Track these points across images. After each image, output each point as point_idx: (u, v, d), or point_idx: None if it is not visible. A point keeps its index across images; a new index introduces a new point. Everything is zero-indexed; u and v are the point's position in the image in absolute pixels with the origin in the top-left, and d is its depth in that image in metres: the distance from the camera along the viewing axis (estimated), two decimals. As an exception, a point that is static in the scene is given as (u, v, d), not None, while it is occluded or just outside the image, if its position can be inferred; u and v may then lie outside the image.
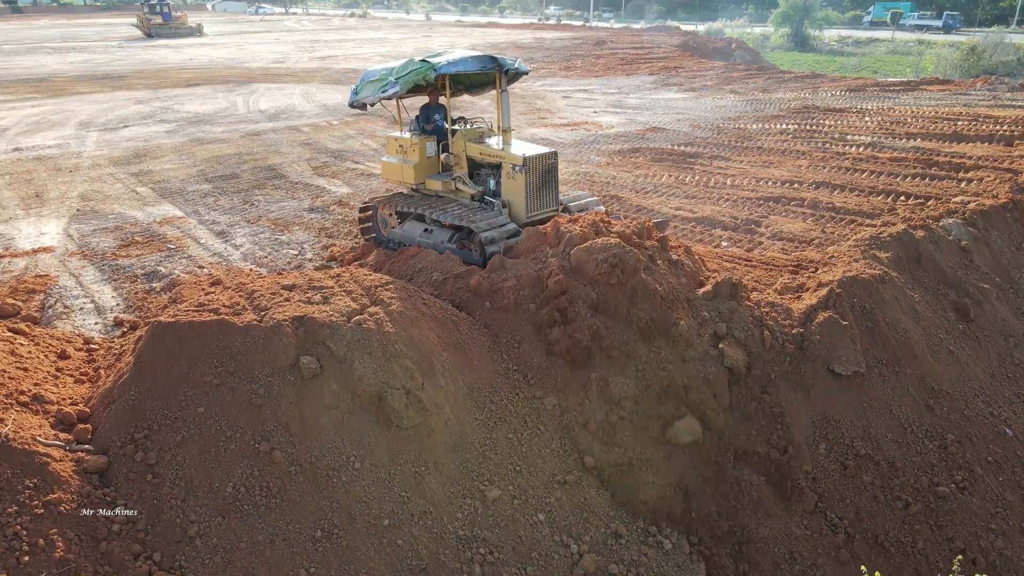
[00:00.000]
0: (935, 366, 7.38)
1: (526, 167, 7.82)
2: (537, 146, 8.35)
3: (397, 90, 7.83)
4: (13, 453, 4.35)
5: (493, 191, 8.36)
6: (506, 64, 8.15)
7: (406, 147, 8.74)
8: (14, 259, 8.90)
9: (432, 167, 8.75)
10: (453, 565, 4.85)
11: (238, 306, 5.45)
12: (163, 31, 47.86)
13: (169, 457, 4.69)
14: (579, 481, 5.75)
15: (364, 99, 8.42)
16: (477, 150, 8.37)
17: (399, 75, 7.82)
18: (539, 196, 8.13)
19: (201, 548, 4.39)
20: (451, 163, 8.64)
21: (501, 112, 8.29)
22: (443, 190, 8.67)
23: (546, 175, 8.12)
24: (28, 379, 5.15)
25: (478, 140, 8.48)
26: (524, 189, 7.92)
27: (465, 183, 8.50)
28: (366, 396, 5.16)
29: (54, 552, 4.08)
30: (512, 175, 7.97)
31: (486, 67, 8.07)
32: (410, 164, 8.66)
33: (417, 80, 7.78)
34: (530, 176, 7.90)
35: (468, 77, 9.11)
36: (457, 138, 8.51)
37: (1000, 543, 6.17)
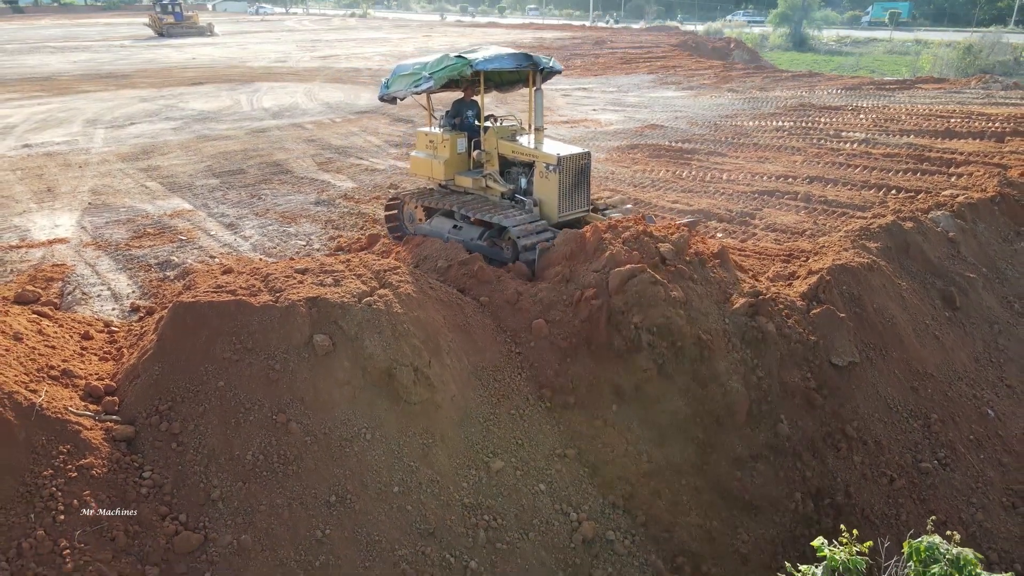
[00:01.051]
0: (921, 350, 7.67)
1: (560, 167, 7.74)
2: (570, 146, 8.29)
3: (431, 85, 7.83)
4: (47, 422, 4.64)
5: (524, 189, 8.34)
6: (541, 62, 8.17)
7: (437, 143, 8.71)
8: (31, 249, 9.19)
9: (462, 163, 8.75)
10: (459, 530, 5.14)
11: (254, 288, 5.74)
12: (175, 30, 48.62)
13: (192, 427, 4.98)
14: (578, 456, 6.03)
15: (395, 93, 8.43)
16: (510, 148, 8.31)
17: (433, 70, 7.83)
18: (571, 196, 8.07)
19: (223, 510, 4.68)
20: (482, 160, 8.61)
21: (535, 111, 8.29)
22: (473, 187, 8.66)
23: (579, 175, 8.04)
24: (56, 356, 5.44)
25: (510, 138, 8.43)
26: (557, 188, 7.85)
27: (496, 180, 8.45)
28: (376, 372, 5.45)
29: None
30: (546, 174, 7.90)
31: (521, 65, 8.07)
32: (440, 160, 8.64)
33: (452, 76, 7.80)
34: (563, 176, 7.83)
35: (499, 75, 9.05)
36: (489, 135, 8.47)
37: (980, 516, 6.46)
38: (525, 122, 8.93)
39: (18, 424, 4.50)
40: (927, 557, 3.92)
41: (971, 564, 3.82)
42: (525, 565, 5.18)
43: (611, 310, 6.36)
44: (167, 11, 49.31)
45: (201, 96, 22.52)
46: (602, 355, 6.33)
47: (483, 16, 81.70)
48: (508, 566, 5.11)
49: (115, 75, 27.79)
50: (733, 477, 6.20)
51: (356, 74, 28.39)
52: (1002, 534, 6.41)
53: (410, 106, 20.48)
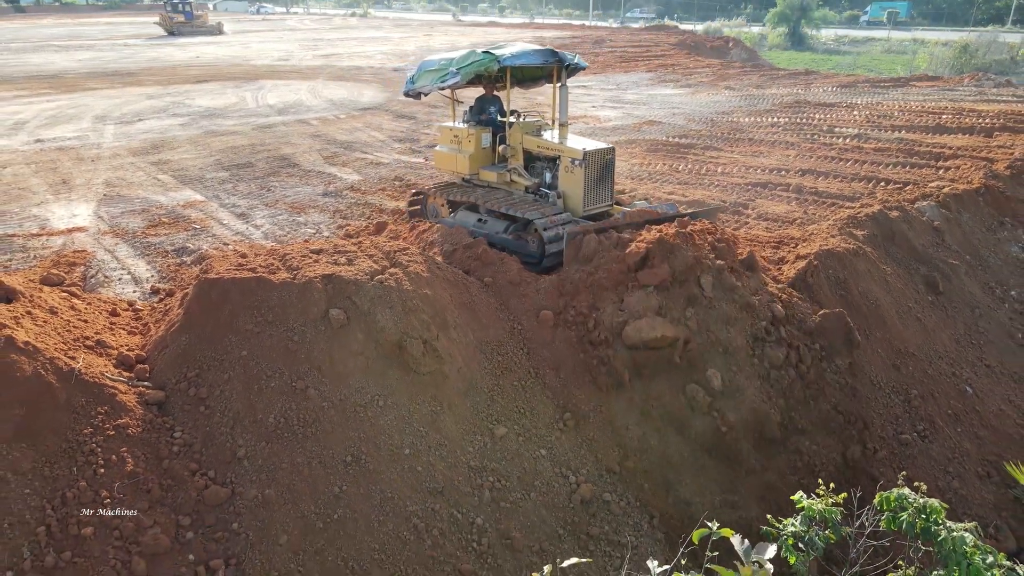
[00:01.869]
0: (903, 331, 8.05)
1: (585, 161, 7.90)
2: (595, 141, 8.48)
3: (458, 80, 7.99)
4: (86, 385, 5.02)
5: (548, 183, 8.51)
6: (566, 59, 8.34)
7: (461, 137, 8.90)
8: (51, 237, 9.56)
9: (487, 158, 8.93)
10: (465, 489, 5.52)
11: (272, 266, 6.12)
12: (185, 29, 49.31)
13: (218, 392, 5.36)
14: (577, 425, 6.41)
15: (421, 88, 8.59)
16: (535, 143, 8.48)
17: (460, 65, 7.99)
18: (596, 190, 8.22)
19: (248, 468, 5.06)
20: (507, 155, 8.78)
21: (559, 106, 8.44)
22: (497, 181, 8.84)
23: (604, 170, 8.22)
24: (89, 328, 5.82)
25: (535, 133, 8.61)
26: (582, 183, 8.01)
27: (521, 175, 8.65)
28: (388, 344, 5.83)
29: (125, 466, 4.75)
30: (571, 169, 8.06)
31: (547, 61, 8.24)
32: (465, 154, 8.84)
33: (479, 71, 7.95)
34: (588, 170, 7.99)
35: (522, 71, 9.15)
36: (515, 130, 8.64)
37: (956, 484, 6.84)
38: (547, 117, 9.11)
39: (60, 387, 4.88)
40: (896, 506, 4.30)
41: (936, 512, 4.19)
42: (527, 522, 5.55)
43: (611, 359, 6.54)
44: (177, 10, 50.16)
45: (207, 93, 22.88)
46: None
47: (483, 16, 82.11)
48: (511, 522, 5.49)
49: (121, 73, 28.16)
50: (725, 446, 6.57)
51: (358, 72, 28.76)
52: (976, 501, 6.80)
53: (412, 103, 20.90)
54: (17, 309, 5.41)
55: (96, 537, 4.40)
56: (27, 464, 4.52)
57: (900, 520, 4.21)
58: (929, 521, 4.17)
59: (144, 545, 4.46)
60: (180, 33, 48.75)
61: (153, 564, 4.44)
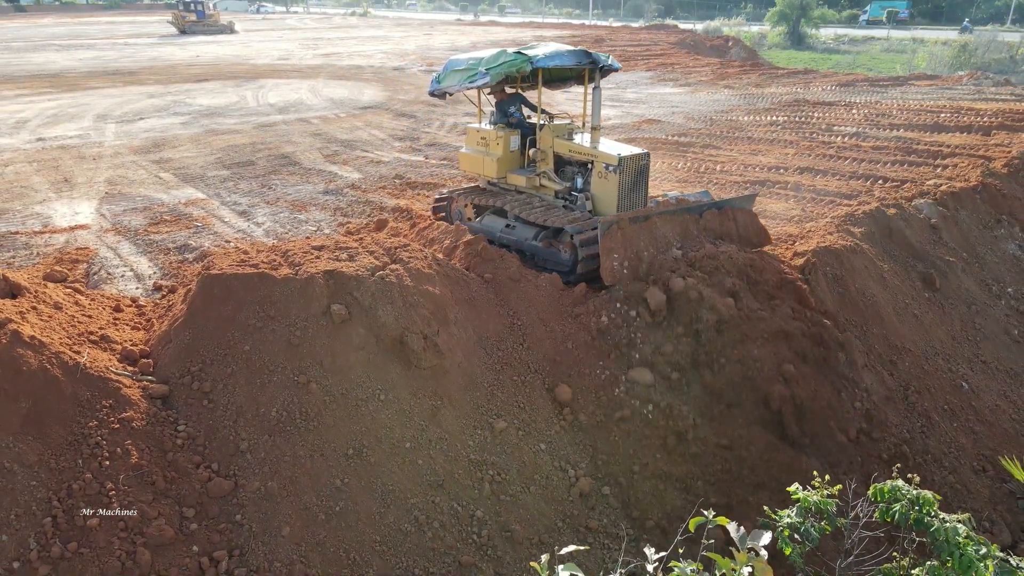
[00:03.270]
0: (900, 327, 8.12)
1: (621, 167, 7.62)
2: (630, 146, 8.14)
3: (487, 81, 7.75)
4: (91, 379, 5.08)
5: (579, 188, 8.20)
6: (600, 60, 8.05)
7: (489, 140, 8.59)
8: (54, 235, 9.62)
9: (515, 161, 8.65)
10: (466, 483, 5.59)
11: (275, 262, 6.19)
12: (197, 28, 49.82)
13: (221, 386, 5.42)
14: (576, 420, 6.47)
15: (447, 88, 8.36)
16: (566, 147, 8.17)
17: (490, 66, 7.77)
18: (630, 197, 7.92)
19: (251, 460, 5.12)
20: (537, 159, 8.48)
21: (592, 109, 8.17)
22: (526, 185, 8.56)
23: (639, 176, 7.92)
24: (94, 324, 5.89)
25: (567, 137, 8.30)
26: (617, 189, 7.73)
27: (552, 179, 8.35)
28: (389, 340, 5.89)
29: (130, 459, 4.81)
30: (605, 175, 7.77)
31: (581, 62, 7.98)
32: (492, 157, 8.53)
33: (510, 72, 7.66)
34: (623, 176, 7.70)
35: (551, 72, 8.77)
36: (546, 133, 8.31)
37: (952, 478, 6.91)
38: (577, 120, 8.91)
39: (65, 380, 4.95)
40: (890, 498, 4.36)
41: (929, 503, 4.26)
42: (527, 515, 5.62)
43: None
44: (190, 9, 50.76)
45: (207, 92, 22.93)
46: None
47: (483, 15, 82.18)
48: (511, 515, 5.56)
49: (121, 72, 28.20)
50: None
51: (359, 71, 28.82)
52: (971, 495, 6.86)
53: (412, 103, 20.97)
54: (22, 304, 5.47)
55: (101, 528, 4.47)
56: (33, 456, 4.59)
57: (893, 511, 4.28)
58: (922, 512, 4.24)
59: (149, 536, 4.52)
60: (192, 32, 49.39)
61: (158, 555, 4.51)
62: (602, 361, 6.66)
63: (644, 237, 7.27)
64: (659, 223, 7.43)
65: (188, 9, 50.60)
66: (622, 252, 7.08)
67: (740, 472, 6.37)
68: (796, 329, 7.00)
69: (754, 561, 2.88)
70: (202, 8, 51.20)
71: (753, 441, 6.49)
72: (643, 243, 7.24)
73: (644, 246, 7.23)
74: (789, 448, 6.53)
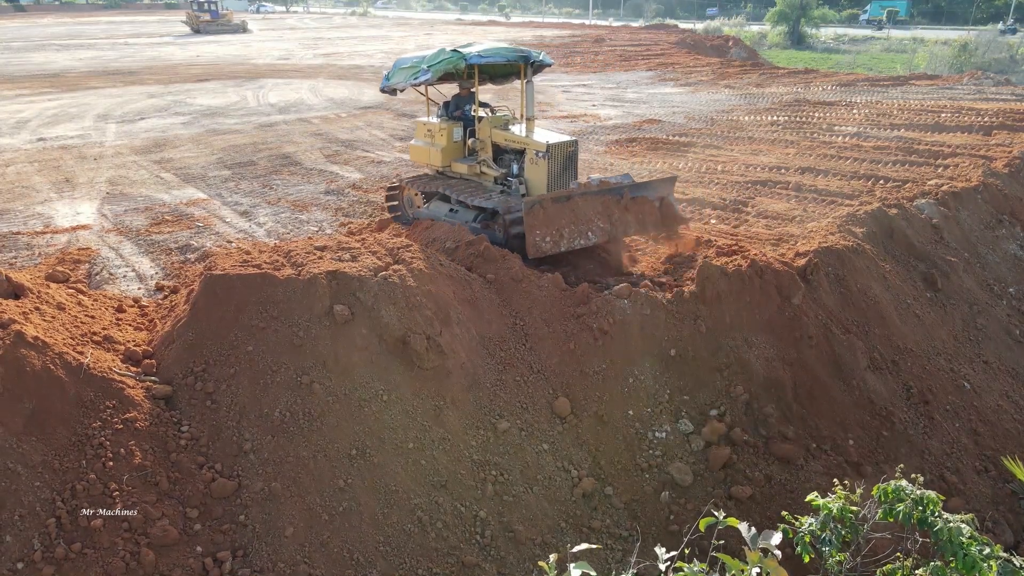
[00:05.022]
0: (901, 327, 8.11)
1: (548, 154, 8.26)
2: (559, 134, 8.83)
3: (429, 77, 8.34)
4: (94, 379, 5.08)
5: (515, 174, 8.83)
6: (532, 56, 8.68)
7: (434, 132, 9.28)
8: (55, 235, 9.63)
9: (458, 151, 9.29)
10: (469, 483, 5.59)
11: (278, 263, 6.19)
12: (211, 27, 50.45)
13: (224, 387, 5.42)
14: (578, 421, 6.47)
15: (395, 85, 8.97)
16: (502, 136, 8.83)
17: (431, 63, 8.35)
18: (559, 181, 8.53)
19: (255, 461, 5.13)
20: (477, 148, 9.12)
21: (526, 101, 8.72)
22: (468, 173, 9.23)
23: (567, 161, 8.54)
24: (97, 324, 5.89)
25: (503, 127, 8.95)
26: (546, 174, 8.37)
27: (490, 166, 8.99)
28: (392, 340, 5.89)
29: (133, 459, 4.82)
30: (535, 160, 8.43)
31: (513, 58, 8.59)
32: (437, 148, 9.21)
33: (448, 69, 8.30)
34: (552, 162, 8.34)
35: (494, 68, 9.47)
36: (484, 124, 8.98)
37: (954, 479, 6.90)
38: (517, 112, 9.43)
39: (68, 381, 4.95)
40: (894, 498, 4.36)
41: (933, 503, 4.26)
42: (529, 515, 5.62)
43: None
44: (203, 9, 51.54)
45: (207, 92, 22.93)
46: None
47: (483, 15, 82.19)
48: (514, 516, 5.56)
49: (122, 72, 28.20)
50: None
51: (359, 71, 28.81)
52: (974, 495, 6.86)
53: (413, 102, 20.95)
54: (26, 305, 5.47)
55: (105, 529, 4.47)
56: (37, 457, 4.59)
57: (897, 512, 4.28)
58: (926, 512, 4.23)
59: (152, 537, 4.52)
60: (206, 31, 49.98)
61: (161, 555, 4.51)
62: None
63: (566, 215, 7.87)
64: (580, 203, 8.00)
65: (202, 9, 51.49)
66: (544, 229, 7.69)
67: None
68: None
69: (766, 561, 2.88)
70: (216, 8, 52.09)
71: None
72: (564, 221, 7.84)
73: (565, 223, 7.84)
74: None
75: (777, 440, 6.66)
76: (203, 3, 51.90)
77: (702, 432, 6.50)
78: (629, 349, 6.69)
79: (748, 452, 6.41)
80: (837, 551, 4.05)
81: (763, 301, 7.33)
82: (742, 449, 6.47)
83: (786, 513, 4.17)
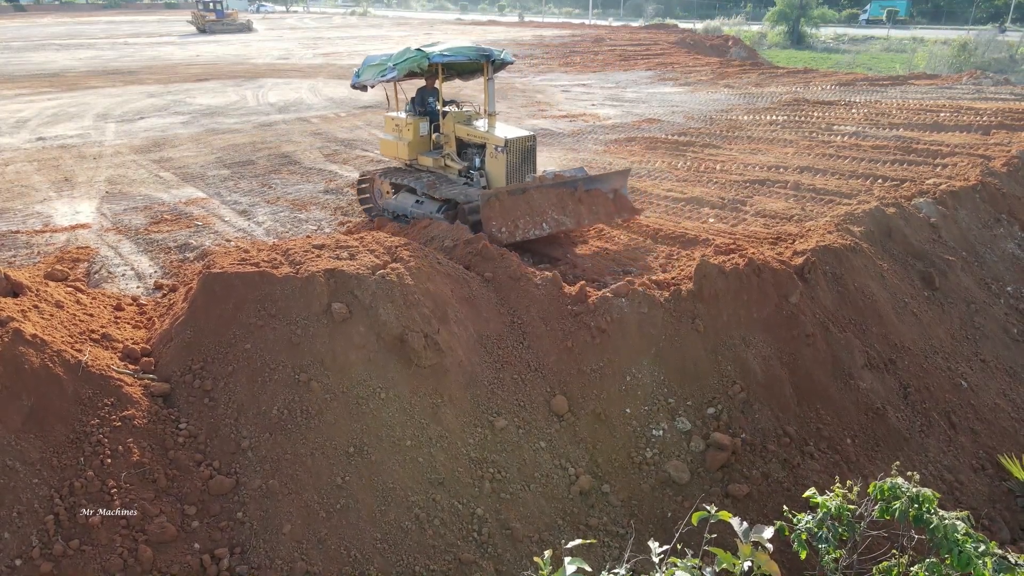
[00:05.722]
0: (899, 326, 8.12)
1: (507, 148, 8.79)
2: (519, 129, 9.33)
3: (395, 75, 8.76)
4: (92, 377, 5.10)
5: (477, 167, 9.36)
6: (493, 55, 9.08)
7: (401, 127, 9.77)
8: (55, 234, 9.64)
9: (424, 145, 9.81)
10: (466, 480, 5.60)
11: (276, 261, 6.20)
12: (216, 27, 50.71)
13: (222, 384, 5.44)
14: (575, 419, 6.48)
15: (365, 81, 9.43)
16: (465, 131, 9.31)
17: (396, 61, 8.78)
18: (517, 174, 9.07)
19: (252, 458, 5.14)
20: (442, 142, 9.64)
21: (487, 98, 9.22)
22: (433, 166, 9.75)
23: (525, 155, 9.09)
24: (95, 322, 5.90)
25: (466, 122, 9.44)
26: (505, 167, 8.91)
27: (453, 160, 9.53)
28: (389, 338, 5.90)
29: (131, 457, 4.83)
30: (495, 154, 8.93)
31: (473, 57, 9.00)
32: (404, 142, 9.70)
33: (412, 67, 8.73)
34: (511, 156, 8.88)
35: (459, 65, 9.92)
36: (448, 120, 9.48)
37: (950, 476, 6.92)
38: (481, 108, 9.84)
39: (67, 379, 4.96)
40: (890, 495, 4.38)
41: (929, 500, 4.27)
42: (527, 513, 5.63)
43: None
44: (209, 8, 51.92)
45: (207, 92, 22.94)
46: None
47: (482, 15, 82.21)
48: (511, 513, 5.57)
49: (121, 72, 28.21)
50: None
51: (359, 71, 28.77)
52: (971, 493, 6.87)
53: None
54: (24, 303, 5.48)
55: (103, 526, 4.48)
56: (35, 454, 4.60)
57: (893, 509, 4.29)
58: (922, 509, 4.25)
59: (150, 534, 4.54)
60: (211, 31, 50.23)
61: (159, 552, 4.52)
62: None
63: (521, 207, 8.45)
64: (536, 196, 8.61)
65: (207, 8, 51.87)
66: (500, 220, 8.26)
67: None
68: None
69: (758, 555, 2.89)
70: (221, 7, 52.50)
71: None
72: (520, 212, 8.43)
73: (520, 215, 8.42)
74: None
75: (774, 438, 6.68)
76: (208, 2, 52.28)
77: (707, 437, 6.48)
78: (627, 347, 6.70)
79: (746, 450, 6.42)
80: (834, 548, 4.07)
81: (761, 300, 7.36)
82: (740, 448, 6.48)
83: (785, 509, 4.18)
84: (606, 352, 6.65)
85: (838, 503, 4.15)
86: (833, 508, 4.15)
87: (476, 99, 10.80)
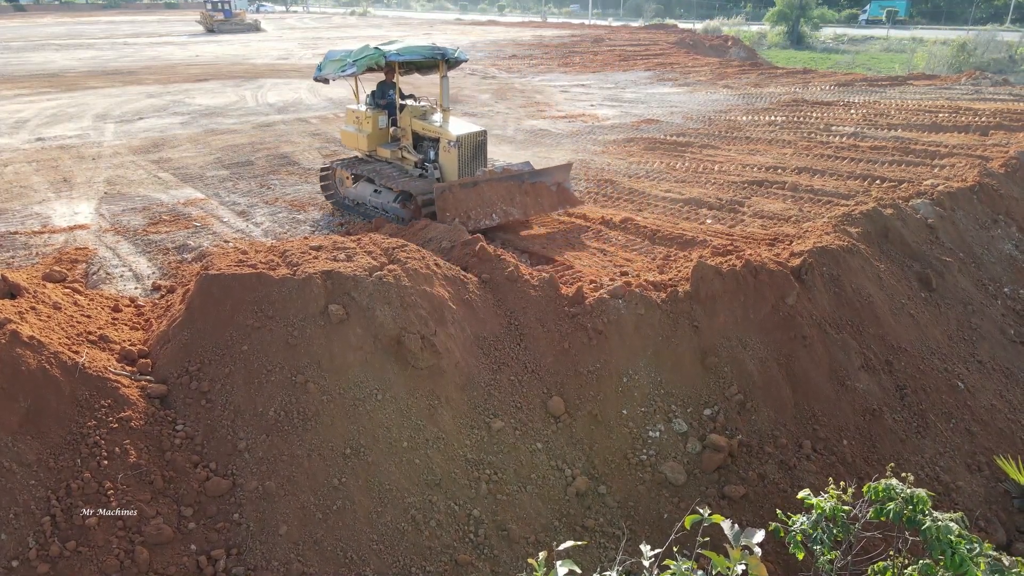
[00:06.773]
0: (896, 327, 8.14)
1: (459, 143, 9.24)
2: (471, 125, 9.82)
3: (354, 71, 9.13)
4: (89, 379, 5.11)
5: (431, 160, 9.77)
6: (447, 53, 9.52)
7: (361, 119, 10.13)
8: (53, 234, 9.65)
9: (383, 137, 10.24)
10: (463, 482, 5.62)
11: (273, 262, 6.21)
12: (224, 27, 51.10)
13: (219, 386, 5.45)
14: (572, 420, 6.50)
15: (326, 75, 9.76)
16: (420, 126, 9.77)
17: (355, 58, 9.15)
18: (469, 167, 9.52)
19: (249, 459, 5.15)
20: (399, 135, 10.08)
21: (442, 94, 9.66)
22: (391, 157, 10.18)
23: (476, 150, 9.54)
24: (92, 324, 5.91)
25: (422, 117, 9.83)
26: (456, 161, 9.36)
27: (409, 152, 9.96)
28: (386, 339, 5.92)
29: (128, 458, 4.84)
30: (448, 149, 9.40)
31: (429, 56, 9.44)
32: (364, 134, 10.10)
33: (370, 64, 9.16)
34: (462, 150, 9.35)
35: (417, 62, 10.21)
36: (404, 114, 9.93)
37: (947, 477, 6.93)
38: (437, 103, 10.23)
39: (64, 380, 4.97)
40: (884, 496, 4.39)
41: (923, 501, 4.28)
42: (523, 514, 5.65)
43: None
44: (217, 8, 52.30)
45: (206, 92, 22.94)
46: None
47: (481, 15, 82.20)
48: (508, 515, 5.58)
49: (121, 72, 28.21)
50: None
51: (358, 71, 28.78)
52: (967, 494, 6.88)
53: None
54: (22, 304, 5.49)
55: (100, 527, 4.50)
56: (32, 455, 4.61)
57: (888, 510, 4.30)
58: (916, 511, 4.26)
59: (147, 535, 4.55)
60: (220, 31, 50.57)
61: (156, 554, 4.54)
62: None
63: (472, 199, 9.08)
64: (486, 188, 9.22)
65: (216, 8, 52.25)
66: (453, 211, 8.87)
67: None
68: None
69: (748, 559, 2.91)
70: (229, 7, 52.77)
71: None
72: (471, 204, 9.05)
73: (472, 207, 9.04)
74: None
75: (771, 440, 6.69)
76: (217, 2, 52.63)
77: (703, 439, 6.50)
78: (623, 349, 6.71)
79: (742, 452, 6.43)
80: (828, 550, 4.08)
81: (758, 301, 7.37)
82: (736, 450, 6.49)
83: (779, 512, 4.19)
84: (603, 353, 6.66)
85: (832, 504, 4.16)
86: (827, 509, 4.16)
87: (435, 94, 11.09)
